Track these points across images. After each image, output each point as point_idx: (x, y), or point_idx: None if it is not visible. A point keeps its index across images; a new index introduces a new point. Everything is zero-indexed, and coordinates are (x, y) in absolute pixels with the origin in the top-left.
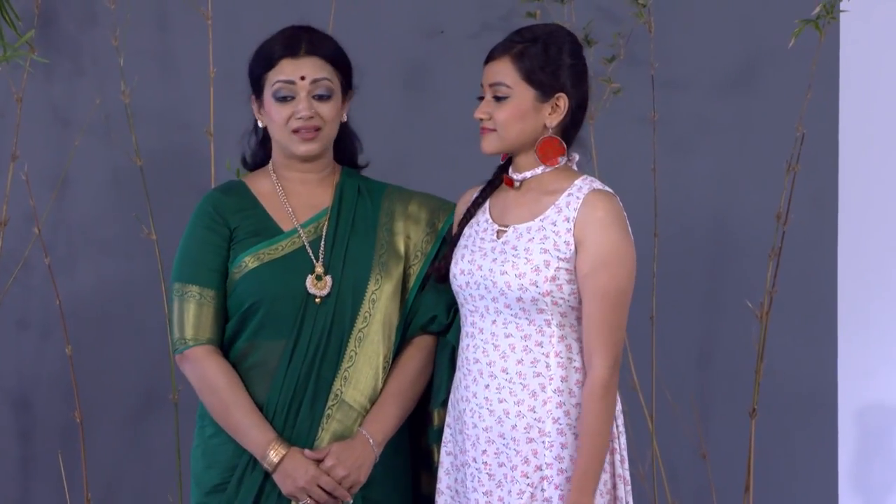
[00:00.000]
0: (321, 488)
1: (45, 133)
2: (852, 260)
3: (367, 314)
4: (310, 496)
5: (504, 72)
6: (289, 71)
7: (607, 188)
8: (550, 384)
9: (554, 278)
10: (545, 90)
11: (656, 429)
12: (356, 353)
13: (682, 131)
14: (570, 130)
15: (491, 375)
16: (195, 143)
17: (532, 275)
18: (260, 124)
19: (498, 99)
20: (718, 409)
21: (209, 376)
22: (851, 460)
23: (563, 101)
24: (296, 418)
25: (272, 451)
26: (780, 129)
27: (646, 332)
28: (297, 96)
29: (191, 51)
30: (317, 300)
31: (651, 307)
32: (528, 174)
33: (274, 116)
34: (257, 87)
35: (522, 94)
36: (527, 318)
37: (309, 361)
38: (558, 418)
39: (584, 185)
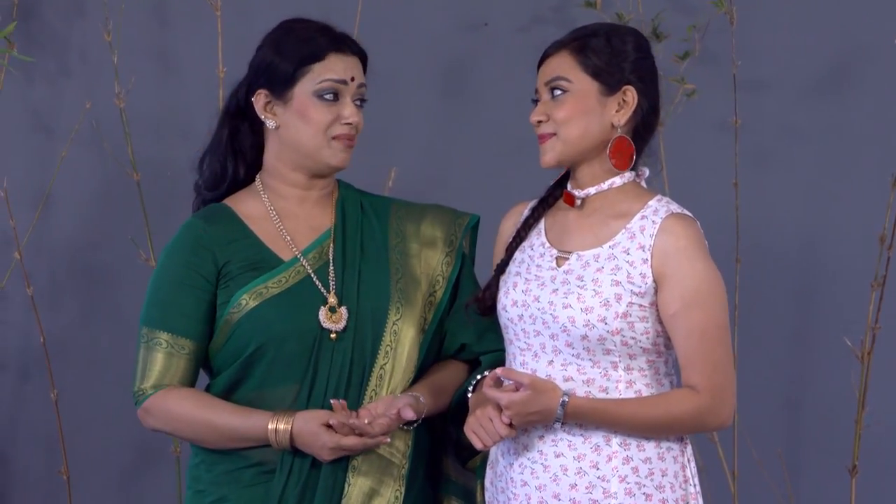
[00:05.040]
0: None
1: (25, 142)
2: None
3: (388, 348)
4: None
5: (563, 65)
6: (340, 68)
7: (686, 211)
8: (616, 437)
9: (626, 315)
10: (610, 83)
11: (739, 489)
12: (377, 394)
13: (767, 139)
14: (640, 135)
15: (545, 426)
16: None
17: (601, 310)
18: (271, 124)
19: (556, 97)
20: (811, 465)
21: (175, 410)
22: None
23: (630, 95)
24: (318, 477)
25: (274, 425)
26: (880, 137)
27: None
28: (342, 99)
29: (195, 47)
30: (332, 336)
31: (732, 345)
32: (592, 190)
33: (313, 117)
34: (284, 81)
35: (584, 87)
36: (590, 360)
37: (328, 407)
38: (625, 476)
39: (659, 208)
